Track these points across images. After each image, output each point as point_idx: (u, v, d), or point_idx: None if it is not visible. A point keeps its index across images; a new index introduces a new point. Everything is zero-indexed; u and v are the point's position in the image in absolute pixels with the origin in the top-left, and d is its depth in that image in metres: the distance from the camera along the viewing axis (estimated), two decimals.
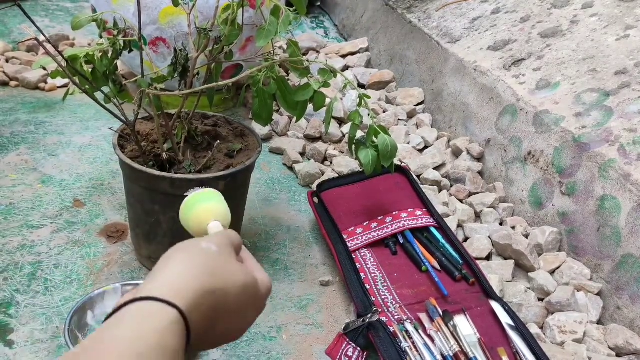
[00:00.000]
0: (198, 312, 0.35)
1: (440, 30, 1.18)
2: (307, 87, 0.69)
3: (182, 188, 0.60)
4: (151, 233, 0.70)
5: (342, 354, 0.61)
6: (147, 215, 0.68)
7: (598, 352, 0.64)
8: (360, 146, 0.71)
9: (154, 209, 0.67)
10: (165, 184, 0.64)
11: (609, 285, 0.71)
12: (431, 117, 1.11)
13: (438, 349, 0.60)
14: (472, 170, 0.93)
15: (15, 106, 1.07)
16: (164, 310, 0.33)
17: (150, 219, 0.68)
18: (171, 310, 0.33)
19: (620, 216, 0.70)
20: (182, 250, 0.38)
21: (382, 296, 0.69)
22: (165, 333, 0.32)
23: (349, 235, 0.78)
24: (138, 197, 0.69)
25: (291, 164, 0.98)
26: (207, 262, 0.38)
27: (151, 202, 0.67)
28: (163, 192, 0.65)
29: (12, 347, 0.60)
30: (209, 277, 0.37)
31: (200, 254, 0.39)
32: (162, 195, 0.65)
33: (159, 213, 0.67)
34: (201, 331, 0.35)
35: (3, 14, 1.47)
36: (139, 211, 0.69)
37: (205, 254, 0.39)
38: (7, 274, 0.69)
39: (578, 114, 0.82)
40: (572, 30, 0.97)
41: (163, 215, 0.67)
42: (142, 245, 0.72)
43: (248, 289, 0.40)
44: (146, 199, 0.67)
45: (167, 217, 0.67)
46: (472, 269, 0.72)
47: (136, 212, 0.70)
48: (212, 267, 0.38)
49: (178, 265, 0.37)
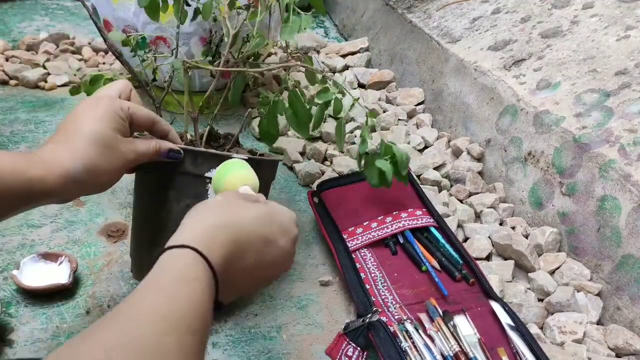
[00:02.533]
0: (216, 246, 0.39)
1: (440, 30, 1.18)
2: (326, 90, 0.71)
3: (204, 166, 0.59)
4: (158, 232, 0.62)
5: (342, 353, 0.61)
6: (157, 208, 0.61)
7: (598, 353, 0.64)
8: (376, 158, 0.73)
9: (167, 196, 0.60)
10: (188, 161, 0.59)
11: (609, 286, 0.71)
12: (431, 117, 1.11)
13: (438, 349, 0.60)
14: (472, 170, 0.93)
15: (15, 105, 1.07)
16: (180, 254, 0.37)
17: (161, 212, 0.61)
18: (187, 252, 0.37)
19: (620, 216, 0.70)
20: (193, 209, 0.43)
21: (382, 296, 0.69)
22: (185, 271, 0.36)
23: (349, 235, 0.78)
24: (150, 187, 0.62)
25: (291, 164, 0.98)
26: (216, 207, 0.43)
27: (165, 188, 0.60)
28: (182, 171, 0.59)
29: (12, 347, 0.60)
30: (218, 216, 0.41)
31: (209, 204, 0.44)
32: (181, 176, 0.60)
33: (173, 201, 0.60)
34: (225, 263, 0.39)
35: (3, 12, 1.47)
36: (147, 205, 0.63)
37: (214, 203, 0.44)
38: (7, 273, 0.69)
39: (578, 114, 0.82)
40: (573, 31, 0.97)
41: (177, 203, 0.61)
42: (144, 253, 0.65)
43: (262, 220, 0.44)
44: (160, 185, 0.61)
45: (182, 206, 0.60)
46: (472, 269, 0.72)
47: (143, 209, 0.64)
48: (221, 209, 0.43)
49: (189, 219, 0.41)
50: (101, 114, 0.49)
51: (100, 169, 0.48)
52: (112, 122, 0.49)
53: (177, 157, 0.57)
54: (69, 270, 0.67)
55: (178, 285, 0.35)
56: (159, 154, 0.55)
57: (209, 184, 0.59)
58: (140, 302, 0.33)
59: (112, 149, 0.49)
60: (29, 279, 0.66)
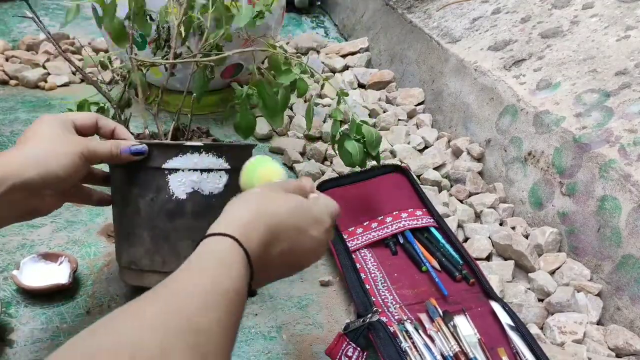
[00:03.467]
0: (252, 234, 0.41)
1: (440, 30, 1.18)
2: (289, 71, 0.72)
3: (161, 157, 0.58)
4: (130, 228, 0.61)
5: (342, 353, 0.61)
6: (126, 205, 0.61)
7: (598, 353, 0.64)
8: (345, 139, 0.74)
9: (132, 192, 0.60)
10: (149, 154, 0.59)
11: (609, 286, 0.71)
12: (431, 117, 1.11)
13: (438, 349, 0.60)
14: (472, 170, 0.93)
15: (14, 105, 1.07)
16: (218, 240, 0.40)
17: (129, 209, 0.61)
18: (224, 239, 0.40)
19: (620, 217, 0.70)
20: (232, 200, 0.46)
21: (382, 296, 0.69)
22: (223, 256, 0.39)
23: (349, 235, 0.78)
24: (119, 183, 0.62)
25: (291, 164, 0.98)
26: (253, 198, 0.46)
27: (130, 184, 0.60)
28: (142, 166, 0.59)
29: (12, 347, 0.60)
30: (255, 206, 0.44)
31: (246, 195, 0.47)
32: (141, 171, 0.60)
33: (138, 197, 0.60)
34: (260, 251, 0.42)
35: (3, 12, 1.47)
36: (119, 203, 0.63)
37: (252, 194, 0.47)
38: (7, 273, 0.69)
39: (578, 114, 0.82)
40: (573, 31, 0.97)
41: (142, 198, 0.60)
42: (122, 250, 0.63)
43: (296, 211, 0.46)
44: (126, 182, 0.61)
45: (146, 201, 0.60)
46: (472, 269, 0.72)
47: (117, 205, 0.64)
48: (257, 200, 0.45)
49: (227, 208, 0.44)
50: (49, 122, 0.53)
51: (54, 151, 0.51)
52: (60, 126, 0.54)
53: (143, 150, 0.58)
54: (69, 270, 0.67)
55: (218, 267, 0.38)
56: (119, 154, 0.57)
57: (169, 176, 0.59)
58: (182, 279, 0.36)
59: (63, 139, 0.53)
60: (29, 279, 0.66)
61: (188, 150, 0.59)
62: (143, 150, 0.58)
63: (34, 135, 0.52)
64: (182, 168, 0.59)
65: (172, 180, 0.59)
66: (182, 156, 0.59)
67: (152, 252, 0.60)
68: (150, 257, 0.60)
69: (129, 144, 0.57)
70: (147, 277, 0.61)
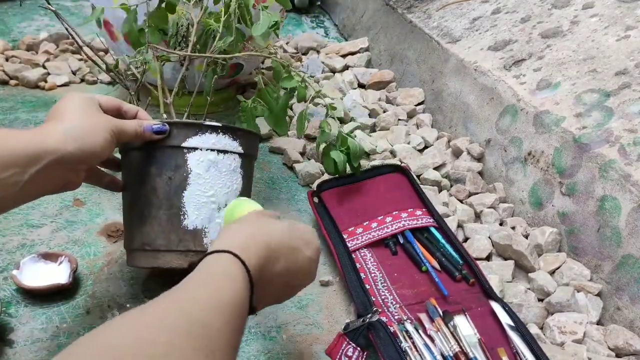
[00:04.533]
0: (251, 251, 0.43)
1: (440, 30, 1.18)
2: (290, 77, 0.79)
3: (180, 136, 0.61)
4: (145, 208, 0.62)
5: (342, 353, 0.61)
6: (142, 185, 0.62)
7: (598, 353, 0.64)
8: (332, 149, 0.81)
9: (150, 171, 0.62)
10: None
11: (609, 286, 0.71)
12: (431, 117, 1.11)
13: (438, 349, 0.60)
14: (472, 170, 0.93)
15: (15, 105, 1.07)
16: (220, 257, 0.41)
17: (145, 188, 0.62)
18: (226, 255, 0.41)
19: (620, 217, 0.70)
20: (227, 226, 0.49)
21: (382, 296, 0.69)
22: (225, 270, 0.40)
23: (349, 235, 0.78)
24: (132, 166, 0.63)
25: (291, 164, 0.98)
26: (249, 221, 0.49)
27: (147, 164, 0.62)
28: (160, 145, 0.61)
29: (12, 347, 0.60)
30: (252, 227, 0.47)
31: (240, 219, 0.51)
32: (159, 150, 0.61)
33: (155, 176, 0.61)
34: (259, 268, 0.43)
35: (3, 12, 1.47)
36: (134, 184, 0.64)
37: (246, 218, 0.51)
38: (7, 273, 0.69)
39: (578, 114, 0.82)
40: (573, 31, 0.97)
41: (159, 177, 0.61)
42: (134, 233, 0.63)
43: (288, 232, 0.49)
44: (142, 162, 0.62)
45: (164, 179, 0.61)
46: (472, 269, 0.72)
47: (130, 188, 0.64)
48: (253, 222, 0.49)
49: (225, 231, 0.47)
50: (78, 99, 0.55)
51: (90, 127, 0.53)
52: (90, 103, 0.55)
53: (164, 129, 0.61)
54: (69, 270, 0.67)
55: (221, 279, 0.39)
56: (142, 132, 0.59)
57: (188, 154, 0.61)
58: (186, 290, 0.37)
59: (96, 116, 0.55)
60: (29, 279, 0.66)
61: (207, 129, 0.62)
62: (164, 129, 0.60)
63: (67, 111, 0.53)
64: (201, 147, 0.62)
65: (191, 159, 0.61)
66: (202, 135, 0.62)
67: (168, 230, 0.61)
68: (166, 236, 0.61)
69: (151, 123, 0.60)
70: (162, 257, 0.62)
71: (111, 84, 1.20)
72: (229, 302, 0.36)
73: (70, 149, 0.50)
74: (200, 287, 0.37)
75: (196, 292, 0.36)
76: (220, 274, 0.40)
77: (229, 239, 0.44)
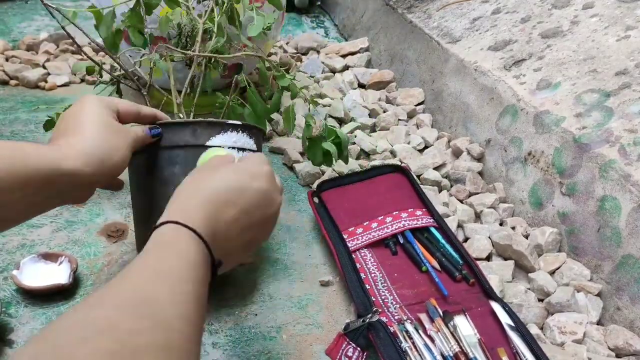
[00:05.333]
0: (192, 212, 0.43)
1: (440, 30, 1.18)
2: (283, 76, 0.83)
3: (204, 135, 0.62)
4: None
5: (342, 354, 0.61)
6: (165, 186, 0.62)
7: (598, 353, 0.64)
8: (322, 141, 0.83)
9: (174, 171, 0.62)
10: (188, 134, 0.61)
11: (609, 286, 0.71)
12: (431, 117, 1.11)
13: (438, 349, 0.60)
14: (472, 170, 0.93)
15: (15, 105, 1.07)
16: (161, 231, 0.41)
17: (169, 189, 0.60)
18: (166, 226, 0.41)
19: (620, 217, 0.70)
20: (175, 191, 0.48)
21: (382, 296, 0.69)
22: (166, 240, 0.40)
23: (349, 235, 0.78)
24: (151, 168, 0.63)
25: (291, 164, 0.98)
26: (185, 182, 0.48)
27: (172, 164, 0.62)
28: (185, 145, 0.62)
29: (12, 347, 0.60)
30: (188, 187, 0.47)
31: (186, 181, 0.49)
32: (184, 149, 0.62)
33: (180, 175, 0.60)
34: (208, 224, 0.43)
35: (3, 12, 1.47)
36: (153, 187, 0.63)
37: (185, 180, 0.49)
38: (7, 273, 0.69)
39: (578, 114, 0.82)
40: (573, 31, 0.97)
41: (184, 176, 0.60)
42: None
43: (232, 174, 0.48)
44: (166, 163, 0.62)
45: None
46: (472, 269, 0.72)
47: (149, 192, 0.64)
48: (189, 182, 0.48)
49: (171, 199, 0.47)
50: (98, 107, 0.53)
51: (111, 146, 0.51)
52: (109, 112, 0.54)
53: (157, 132, 0.61)
54: (69, 271, 0.67)
55: (162, 247, 0.39)
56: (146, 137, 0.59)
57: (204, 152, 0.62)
58: (128, 267, 0.37)
59: (117, 131, 0.53)
60: (29, 279, 0.66)
61: (229, 128, 0.63)
62: (158, 132, 0.61)
63: (86, 125, 0.51)
64: (224, 145, 0.62)
65: None
66: (224, 134, 0.62)
67: None
68: None
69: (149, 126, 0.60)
70: None
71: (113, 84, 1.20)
72: (170, 268, 0.37)
73: (89, 171, 0.49)
74: (145, 260, 0.37)
75: (140, 265, 0.37)
76: (161, 244, 0.40)
77: (169, 209, 0.44)
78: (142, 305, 0.32)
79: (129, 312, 0.31)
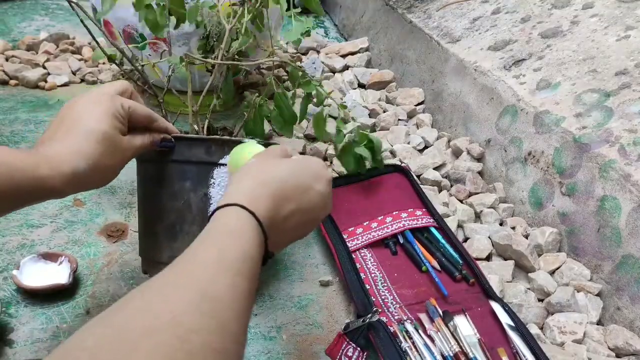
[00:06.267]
0: (259, 201, 0.43)
1: (440, 30, 1.18)
2: (309, 82, 0.80)
3: (218, 153, 0.61)
4: (177, 223, 0.61)
5: (342, 353, 0.61)
6: (174, 199, 0.61)
7: (598, 353, 0.64)
8: (355, 146, 0.82)
9: (184, 186, 0.61)
10: (202, 150, 0.61)
11: (609, 286, 0.71)
12: (431, 117, 1.11)
13: (438, 349, 0.60)
14: (472, 170, 0.93)
15: (15, 105, 1.07)
16: (228, 211, 0.41)
17: (178, 203, 0.61)
18: (234, 208, 0.41)
19: (620, 217, 0.70)
20: (234, 176, 0.48)
21: (382, 296, 0.69)
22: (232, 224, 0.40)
23: (349, 235, 0.78)
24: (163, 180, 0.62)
25: None
26: (253, 168, 0.47)
27: (182, 179, 0.61)
28: (197, 161, 0.61)
29: (12, 347, 0.60)
30: (256, 175, 0.46)
31: (244, 168, 0.48)
32: (196, 165, 0.61)
33: (190, 191, 0.61)
34: (270, 215, 0.43)
35: (3, 12, 1.47)
36: (161, 199, 0.62)
37: (250, 166, 0.48)
38: (7, 273, 0.69)
39: (578, 114, 0.82)
40: (573, 31, 0.97)
41: (194, 192, 0.61)
42: (162, 246, 0.62)
43: (296, 170, 0.48)
44: (175, 177, 0.61)
45: (199, 195, 0.61)
46: (472, 269, 0.72)
47: (157, 203, 0.63)
48: (257, 169, 0.47)
49: (232, 183, 0.46)
50: (103, 113, 0.50)
51: (102, 166, 0.50)
52: (113, 121, 0.51)
53: (170, 145, 0.60)
54: (69, 270, 0.67)
55: (227, 236, 0.39)
56: (153, 145, 0.58)
57: (214, 170, 0.61)
58: (192, 253, 0.37)
59: (114, 147, 0.51)
60: (29, 279, 0.66)
61: None
62: (171, 146, 0.60)
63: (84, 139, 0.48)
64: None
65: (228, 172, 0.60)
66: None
67: None
68: None
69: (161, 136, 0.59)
70: None
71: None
72: (236, 260, 0.36)
73: (75, 190, 0.48)
74: (206, 250, 0.37)
75: (201, 257, 0.36)
76: (227, 230, 0.39)
77: (235, 191, 0.43)
78: (204, 302, 0.32)
79: (192, 309, 0.31)
